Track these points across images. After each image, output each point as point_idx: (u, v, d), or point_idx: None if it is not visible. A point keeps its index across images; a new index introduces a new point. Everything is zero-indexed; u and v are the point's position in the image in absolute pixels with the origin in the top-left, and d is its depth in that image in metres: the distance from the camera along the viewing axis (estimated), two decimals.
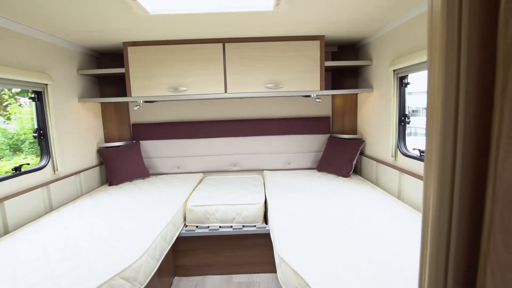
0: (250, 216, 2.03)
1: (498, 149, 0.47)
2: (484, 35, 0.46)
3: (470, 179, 0.51)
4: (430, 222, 0.55)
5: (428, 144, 0.54)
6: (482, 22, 0.47)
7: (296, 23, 2.04)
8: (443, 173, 0.52)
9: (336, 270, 1.14)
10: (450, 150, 0.52)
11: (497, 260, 0.49)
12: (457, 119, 0.51)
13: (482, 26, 0.46)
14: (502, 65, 0.45)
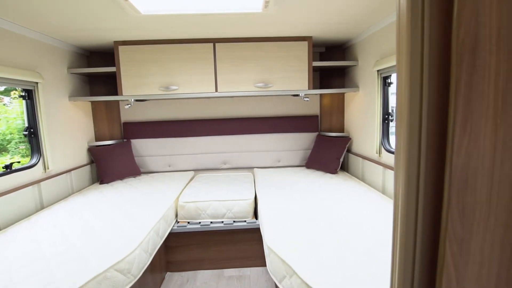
0: (240, 211, 2.09)
1: (453, 139, 0.54)
2: (442, 38, 0.53)
3: (432, 167, 0.58)
4: (400, 206, 0.62)
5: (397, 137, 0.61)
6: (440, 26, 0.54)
7: (285, 24, 2.11)
8: (410, 163, 0.59)
9: (321, 258, 1.21)
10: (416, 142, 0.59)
11: (454, 234, 0.56)
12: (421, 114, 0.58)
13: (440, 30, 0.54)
14: (455, 64, 0.52)
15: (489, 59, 0.51)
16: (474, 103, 0.53)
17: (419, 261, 0.63)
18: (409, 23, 0.55)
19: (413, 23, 0.56)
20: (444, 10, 0.53)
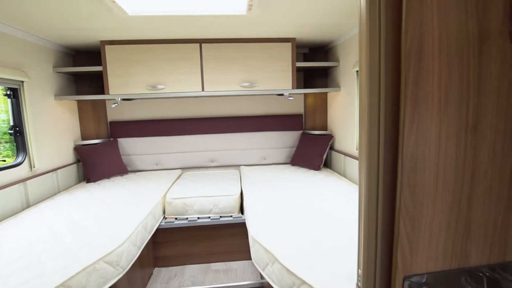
0: (227, 207, 2.15)
1: (404, 129, 0.63)
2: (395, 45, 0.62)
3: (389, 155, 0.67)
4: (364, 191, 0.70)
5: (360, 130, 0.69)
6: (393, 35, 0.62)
7: (269, 26, 2.19)
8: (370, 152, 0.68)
9: (302, 246, 1.29)
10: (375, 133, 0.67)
11: (407, 212, 0.65)
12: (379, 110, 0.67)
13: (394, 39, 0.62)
14: (404, 67, 0.61)
15: (432, 62, 0.61)
16: (420, 99, 0.62)
17: (381, 237, 0.72)
18: (368, 33, 0.64)
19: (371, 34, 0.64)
20: (395, 21, 0.62)
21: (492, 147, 0.66)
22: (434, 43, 0.60)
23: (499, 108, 0.65)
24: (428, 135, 0.63)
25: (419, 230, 0.66)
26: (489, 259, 0.72)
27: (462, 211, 0.67)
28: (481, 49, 0.62)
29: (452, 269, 0.70)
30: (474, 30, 0.61)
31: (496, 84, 0.64)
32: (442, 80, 0.61)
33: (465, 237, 0.69)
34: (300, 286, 1.07)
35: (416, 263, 0.68)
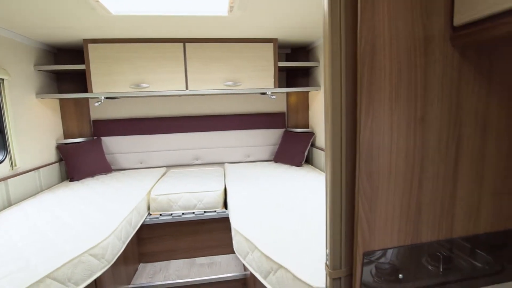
0: (210, 202, 2.21)
1: (360, 121, 0.71)
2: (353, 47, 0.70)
3: (350, 144, 0.75)
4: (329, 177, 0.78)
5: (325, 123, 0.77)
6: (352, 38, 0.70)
7: (250, 27, 2.26)
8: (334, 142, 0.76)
9: (280, 235, 1.37)
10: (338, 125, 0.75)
11: (364, 194, 0.74)
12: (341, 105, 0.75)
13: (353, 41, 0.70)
14: (360, 66, 0.69)
15: (384, 62, 0.69)
16: (374, 94, 0.70)
17: (344, 219, 0.80)
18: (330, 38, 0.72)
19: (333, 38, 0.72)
20: (353, 26, 0.70)
21: (438, 136, 0.75)
22: (385, 46, 0.68)
23: (443, 101, 0.74)
24: (382, 127, 0.71)
25: (376, 210, 0.75)
26: (439, 236, 0.81)
27: (413, 193, 0.77)
28: (426, 51, 0.71)
29: (406, 245, 0.79)
30: (420, 34, 0.70)
31: (440, 80, 0.73)
32: (393, 77, 0.70)
33: (417, 217, 0.78)
34: (277, 270, 1.15)
35: (374, 240, 0.76)
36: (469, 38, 0.68)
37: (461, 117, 0.76)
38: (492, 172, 0.81)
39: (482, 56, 0.75)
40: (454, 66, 0.73)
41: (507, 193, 0.84)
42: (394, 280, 0.80)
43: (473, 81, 0.75)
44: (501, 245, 0.87)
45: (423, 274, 0.82)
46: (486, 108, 0.77)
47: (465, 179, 0.79)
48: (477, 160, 0.79)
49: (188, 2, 1.68)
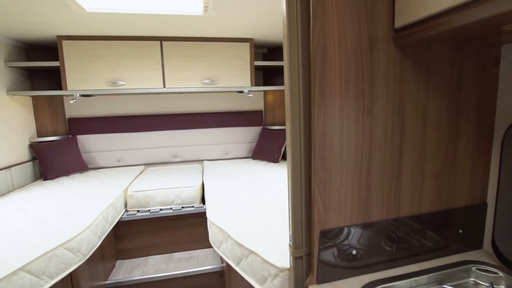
0: (188, 197, 2.25)
1: (314, 112, 0.79)
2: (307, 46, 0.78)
3: (307, 134, 0.83)
4: (290, 164, 0.86)
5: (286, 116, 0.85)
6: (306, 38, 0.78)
7: (226, 27, 2.32)
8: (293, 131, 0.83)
9: (253, 225, 1.44)
10: (297, 116, 0.83)
11: (319, 178, 0.82)
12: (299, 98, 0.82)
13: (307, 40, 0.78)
14: (312, 63, 0.77)
15: (333, 59, 0.78)
16: (326, 89, 0.78)
17: (304, 202, 0.88)
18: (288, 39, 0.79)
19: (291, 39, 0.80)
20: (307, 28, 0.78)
21: (383, 126, 0.85)
22: (335, 45, 0.77)
23: (388, 95, 0.84)
24: (333, 118, 0.80)
25: (330, 193, 0.84)
26: (387, 215, 0.91)
27: (363, 177, 0.86)
28: (372, 50, 0.81)
29: (358, 223, 0.88)
30: (365, 36, 0.79)
31: (385, 76, 0.83)
32: (342, 74, 0.79)
33: (367, 198, 0.88)
34: (248, 256, 1.22)
35: (329, 219, 0.85)
36: (408, 39, 0.78)
37: (404, 109, 0.86)
38: (432, 157, 0.92)
39: (420, 55, 0.85)
40: (396, 63, 0.83)
41: (446, 177, 0.95)
42: (349, 256, 0.89)
43: (413, 77, 0.85)
44: (444, 224, 0.98)
45: (375, 251, 0.91)
46: (426, 100, 0.88)
47: (409, 164, 0.90)
48: (419, 147, 0.90)
49: (163, 1, 1.72)
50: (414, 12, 0.72)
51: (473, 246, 1.03)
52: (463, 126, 0.93)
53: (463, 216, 0.99)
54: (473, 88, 0.93)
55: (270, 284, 1.10)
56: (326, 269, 0.87)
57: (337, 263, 0.88)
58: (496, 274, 0.91)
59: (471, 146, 0.96)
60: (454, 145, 0.93)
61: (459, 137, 0.94)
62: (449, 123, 0.92)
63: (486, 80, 0.94)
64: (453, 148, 0.93)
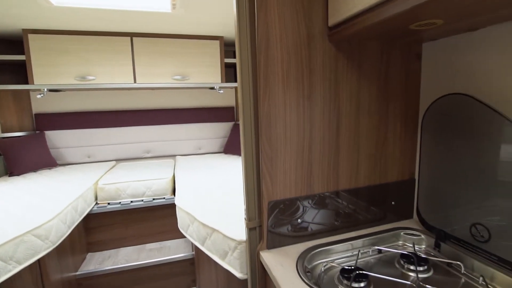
0: (159, 189, 2.31)
1: (260, 97, 0.91)
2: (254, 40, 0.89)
3: (255, 116, 0.95)
4: (243, 144, 0.97)
5: (239, 102, 0.96)
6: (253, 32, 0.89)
7: (196, 25, 2.40)
8: (245, 115, 0.95)
9: (217, 208, 1.54)
10: (248, 102, 0.94)
11: (266, 154, 0.94)
12: (249, 85, 0.94)
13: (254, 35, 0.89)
14: (258, 54, 0.89)
15: (276, 52, 0.90)
16: (269, 77, 0.91)
17: (255, 177, 0.99)
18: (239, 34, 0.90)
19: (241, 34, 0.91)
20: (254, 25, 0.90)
21: (321, 110, 0.98)
22: (277, 40, 0.89)
23: (324, 84, 0.98)
24: (277, 102, 0.92)
25: (276, 168, 0.96)
26: (328, 188, 1.05)
27: (305, 154, 0.99)
28: (310, 44, 0.94)
29: (302, 195, 1.01)
30: (304, 32, 0.92)
31: (321, 68, 0.96)
32: (284, 64, 0.91)
33: (309, 173, 1.01)
34: (212, 234, 1.32)
35: (276, 192, 0.98)
36: (339, 35, 0.92)
37: (339, 96, 1.00)
38: (365, 139, 1.07)
39: (353, 50, 1.00)
40: (331, 56, 0.97)
41: (379, 156, 1.10)
42: (294, 225, 1.02)
43: (347, 69, 1.00)
44: (379, 196, 1.14)
45: (318, 220, 1.05)
46: (358, 89, 1.03)
47: (345, 144, 1.04)
48: (354, 129, 1.04)
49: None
50: (341, 13, 0.86)
51: (404, 216, 1.19)
52: (391, 112, 1.09)
53: (395, 190, 1.16)
54: (399, 79, 1.09)
55: (230, 257, 1.22)
56: (275, 236, 0.99)
57: (284, 230, 1.01)
58: (419, 237, 1.08)
59: (399, 129, 1.12)
60: (385, 128, 1.09)
61: (389, 122, 1.10)
62: (379, 109, 1.07)
63: (410, 73, 1.10)
64: (383, 131, 1.09)
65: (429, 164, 1.06)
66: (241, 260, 1.17)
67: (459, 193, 0.93)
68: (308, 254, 0.95)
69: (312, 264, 0.95)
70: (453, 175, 0.95)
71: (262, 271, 1.01)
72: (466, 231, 0.92)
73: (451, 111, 0.94)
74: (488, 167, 0.83)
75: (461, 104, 0.91)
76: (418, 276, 0.88)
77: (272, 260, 0.93)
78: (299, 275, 0.83)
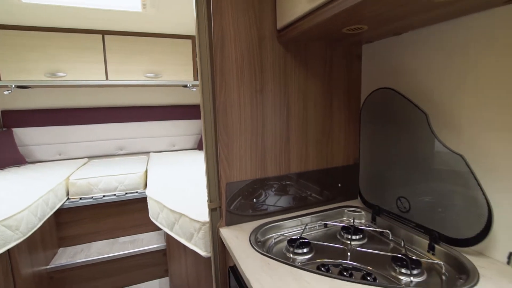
0: (132, 183, 2.37)
1: (217, 91, 1.03)
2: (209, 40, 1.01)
3: (213, 107, 1.06)
4: (203, 131, 1.08)
5: (200, 96, 1.07)
6: (210, 33, 1.01)
7: (167, 24, 2.49)
8: (205, 106, 1.06)
9: (186, 197, 1.64)
10: (208, 96, 1.06)
11: (223, 141, 1.06)
12: (208, 81, 1.05)
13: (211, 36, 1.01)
14: (214, 53, 1.01)
15: (230, 50, 1.02)
16: (225, 73, 1.03)
17: (215, 162, 1.11)
18: (198, 34, 1.01)
19: (201, 34, 1.02)
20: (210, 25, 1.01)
21: (273, 103, 1.12)
22: (231, 40, 1.02)
23: (275, 79, 1.11)
24: (232, 95, 1.05)
25: (233, 153, 1.08)
26: (280, 172, 1.19)
27: (259, 141, 1.12)
28: (261, 45, 1.07)
29: (257, 178, 1.14)
30: (255, 34, 1.05)
31: (271, 65, 1.10)
32: (238, 62, 1.04)
33: (263, 158, 1.14)
34: (179, 219, 1.42)
35: (233, 174, 1.10)
36: (285, 37, 1.05)
37: (288, 91, 1.14)
38: (312, 128, 1.22)
39: (300, 50, 1.14)
40: (280, 56, 1.10)
41: (325, 143, 1.26)
42: (250, 204, 1.14)
43: (295, 67, 1.14)
44: (327, 179, 1.29)
45: (272, 200, 1.19)
46: (305, 85, 1.17)
47: (295, 133, 1.18)
48: (302, 120, 1.19)
49: None
50: (286, 17, 1.00)
51: (350, 197, 1.36)
52: (336, 105, 1.25)
53: (341, 173, 1.32)
54: (342, 76, 1.25)
55: (195, 238, 1.33)
56: (233, 215, 1.12)
57: (241, 209, 1.13)
58: (360, 213, 1.24)
59: (343, 120, 1.28)
60: (330, 119, 1.25)
61: (333, 113, 1.25)
62: (325, 103, 1.22)
63: (352, 70, 1.27)
64: (329, 121, 1.25)
65: (367, 150, 1.22)
66: (205, 240, 1.29)
67: (390, 174, 1.10)
68: (261, 229, 1.09)
69: (265, 237, 1.09)
70: (385, 159, 1.12)
71: (222, 246, 1.14)
72: (394, 205, 1.09)
73: (381, 103, 1.11)
74: (409, 150, 1.01)
75: (389, 96, 1.07)
76: (352, 243, 1.04)
77: (229, 234, 1.05)
78: (251, 244, 0.96)
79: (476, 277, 0.76)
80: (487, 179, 0.83)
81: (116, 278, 2.21)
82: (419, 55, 0.99)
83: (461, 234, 0.86)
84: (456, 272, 0.84)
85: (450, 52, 0.89)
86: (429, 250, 0.93)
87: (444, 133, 0.94)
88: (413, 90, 1.02)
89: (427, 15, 0.82)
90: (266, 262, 0.85)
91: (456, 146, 0.90)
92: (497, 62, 0.78)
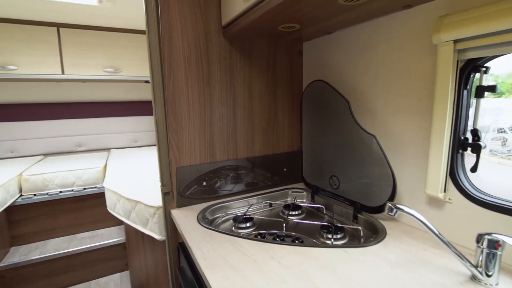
0: (90, 178, 2.35)
1: (166, 81, 1.10)
2: (162, 33, 1.08)
3: (162, 96, 1.13)
4: (154, 119, 1.15)
5: (151, 84, 1.14)
6: (159, 27, 1.08)
7: (125, 19, 2.49)
8: (157, 96, 1.13)
9: (141, 185, 1.69)
10: (159, 84, 1.13)
11: (172, 127, 1.14)
12: (158, 75, 1.12)
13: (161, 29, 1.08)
14: (162, 45, 1.08)
15: (178, 43, 1.10)
16: (173, 63, 1.11)
17: (166, 147, 1.18)
18: (148, 28, 1.08)
19: (150, 28, 1.09)
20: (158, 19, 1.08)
21: (220, 92, 1.22)
22: (178, 33, 1.10)
23: (221, 71, 1.21)
24: (180, 84, 1.13)
25: (182, 139, 1.17)
26: (228, 157, 1.28)
27: (207, 128, 1.21)
28: (207, 39, 1.16)
29: (206, 162, 1.23)
30: (202, 29, 1.14)
31: (218, 58, 1.19)
32: (185, 53, 1.12)
33: (212, 144, 1.23)
34: (135, 206, 1.47)
35: (183, 159, 1.18)
36: (229, 33, 1.16)
37: (234, 82, 1.25)
38: (259, 117, 1.33)
39: (245, 45, 1.25)
40: (226, 49, 1.20)
41: (270, 130, 1.38)
42: (200, 187, 1.23)
43: (240, 60, 1.24)
44: (273, 164, 1.41)
45: (221, 183, 1.28)
46: (250, 76, 1.28)
47: (242, 120, 1.29)
48: (248, 109, 1.30)
49: None
50: (228, 15, 1.10)
51: (295, 180, 1.49)
52: (279, 96, 1.38)
53: (287, 159, 1.45)
54: (285, 70, 1.38)
55: (151, 223, 1.39)
56: (183, 197, 1.20)
57: (191, 192, 1.22)
58: (302, 193, 1.38)
59: (287, 109, 1.41)
60: (274, 108, 1.37)
61: (277, 103, 1.38)
62: (269, 93, 1.34)
63: (294, 65, 1.40)
64: (273, 111, 1.37)
65: (308, 136, 1.36)
66: (160, 224, 1.36)
67: (324, 156, 1.24)
68: (209, 209, 1.18)
69: (213, 216, 1.18)
70: (321, 142, 1.26)
71: (173, 227, 1.21)
72: (327, 183, 1.23)
73: (316, 94, 1.25)
74: (336, 133, 1.15)
75: (321, 87, 1.22)
76: (289, 218, 1.16)
77: (180, 214, 1.13)
78: (198, 221, 1.05)
79: (383, 235, 0.91)
80: (394, 153, 0.99)
81: (75, 274, 2.18)
82: (344, 52, 1.14)
83: (376, 203, 1.02)
84: (370, 233, 0.99)
85: (367, 50, 1.05)
86: (354, 220, 1.08)
87: (365, 118, 1.09)
88: (340, 81, 1.17)
89: (344, 16, 0.96)
90: (209, 234, 0.95)
91: (372, 128, 1.06)
92: (399, 59, 0.94)
